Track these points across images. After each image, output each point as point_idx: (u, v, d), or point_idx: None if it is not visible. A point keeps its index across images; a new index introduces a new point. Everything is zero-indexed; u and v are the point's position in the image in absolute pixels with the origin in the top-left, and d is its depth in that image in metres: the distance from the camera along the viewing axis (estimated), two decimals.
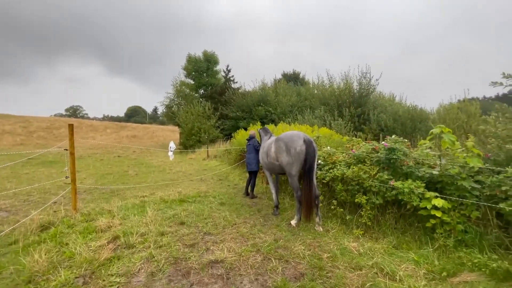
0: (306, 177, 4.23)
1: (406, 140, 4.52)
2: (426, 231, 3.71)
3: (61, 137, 27.02)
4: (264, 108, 19.58)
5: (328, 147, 5.94)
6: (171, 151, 6.04)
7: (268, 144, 5.16)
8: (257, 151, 6.45)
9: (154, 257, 3.32)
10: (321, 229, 4.21)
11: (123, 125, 40.92)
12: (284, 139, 4.54)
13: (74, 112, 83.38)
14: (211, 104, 21.85)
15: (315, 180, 4.36)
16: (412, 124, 14.37)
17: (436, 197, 3.58)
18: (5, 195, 6.41)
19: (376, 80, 16.39)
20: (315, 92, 20.70)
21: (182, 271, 3.05)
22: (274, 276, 2.96)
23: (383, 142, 4.54)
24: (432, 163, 4.09)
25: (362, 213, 4.26)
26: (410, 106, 15.96)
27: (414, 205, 3.71)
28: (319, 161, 5.27)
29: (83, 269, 3.02)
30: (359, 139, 5.94)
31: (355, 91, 16.27)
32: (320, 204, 4.53)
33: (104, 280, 2.85)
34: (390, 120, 14.34)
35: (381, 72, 16.81)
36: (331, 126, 13.14)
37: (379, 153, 4.40)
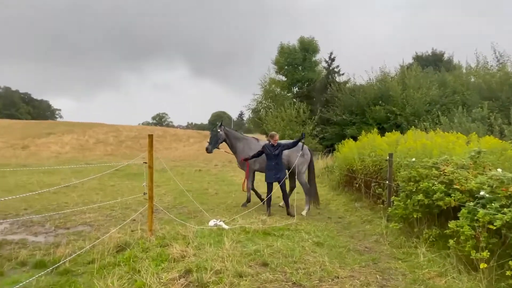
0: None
1: None
2: None
3: (146, 147, 32.88)
4: (385, 108, 18.15)
5: (499, 170, 4.76)
6: (216, 222, 6.58)
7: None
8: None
9: None
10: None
11: (206, 134, 46.16)
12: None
13: (160, 120, 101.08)
14: (307, 105, 21.95)
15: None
16: None
17: None
18: (91, 208, 8.10)
19: None
20: (472, 80, 17.96)
21: None
22: None
23: None
24: None
25: None
26: None
27: None
28: (482, 192, 4.38)
29: None
30: None
31: None
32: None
33: None
34: None
35: None
36: (502, 134, 11.02)
37: None
